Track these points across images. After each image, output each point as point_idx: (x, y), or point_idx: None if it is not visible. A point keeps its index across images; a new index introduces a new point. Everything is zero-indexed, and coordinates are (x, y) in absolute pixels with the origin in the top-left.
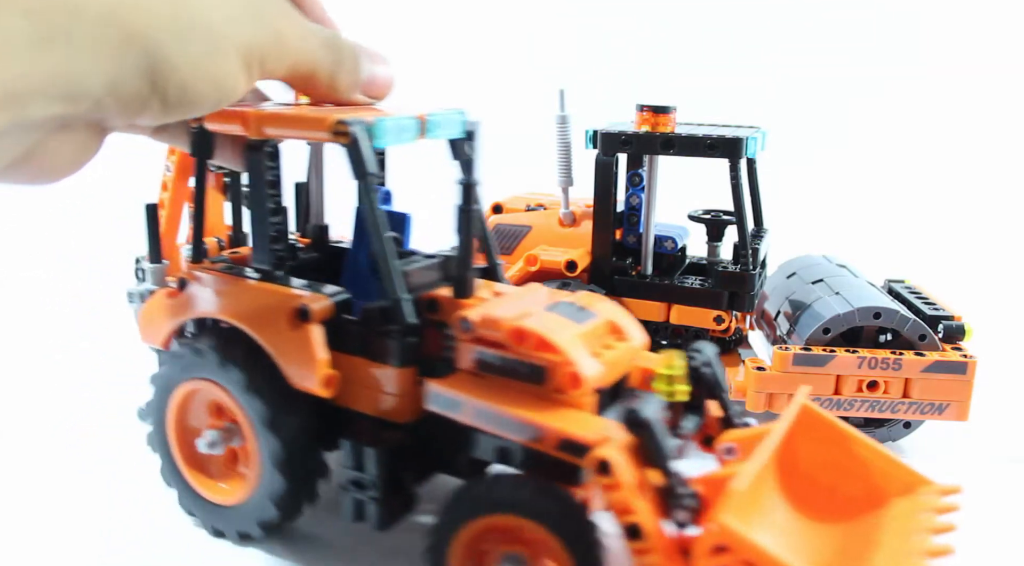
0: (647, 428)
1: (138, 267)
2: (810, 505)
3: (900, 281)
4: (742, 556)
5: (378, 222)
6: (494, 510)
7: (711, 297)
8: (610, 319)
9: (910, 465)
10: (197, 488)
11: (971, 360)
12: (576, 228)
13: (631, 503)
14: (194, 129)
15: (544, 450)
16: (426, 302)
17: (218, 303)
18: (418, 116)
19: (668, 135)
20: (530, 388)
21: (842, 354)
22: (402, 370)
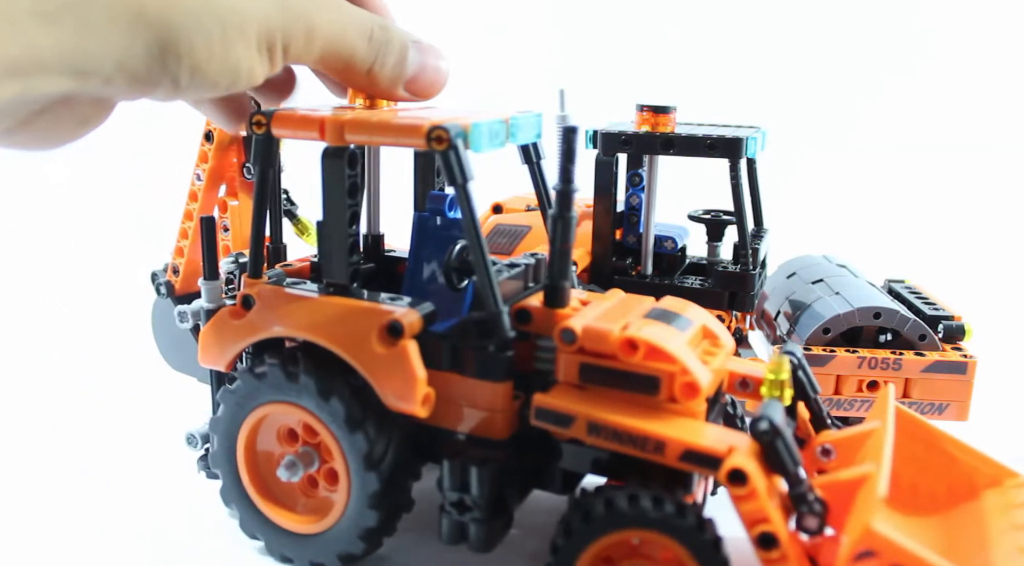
0: (778, 435)
1: (157, 283)
2: (898, 501)
3: (900, 281)
4: (891, 560)
5: (477, 231)
6: (621, 526)
7: (711, 297)
8: (704, 324)
9: (995, 458)
10: (284, 524)
11: (971, 360)
12: (576, 228)
13: (766, 512)
14: (259, 136)
15: (665, 462)
16: (516, 313)
17: (294, 321)
18: (503, 119)
19: (668, 135)
20: (641, 399)
21: (842, 354)
22: (501, 385)
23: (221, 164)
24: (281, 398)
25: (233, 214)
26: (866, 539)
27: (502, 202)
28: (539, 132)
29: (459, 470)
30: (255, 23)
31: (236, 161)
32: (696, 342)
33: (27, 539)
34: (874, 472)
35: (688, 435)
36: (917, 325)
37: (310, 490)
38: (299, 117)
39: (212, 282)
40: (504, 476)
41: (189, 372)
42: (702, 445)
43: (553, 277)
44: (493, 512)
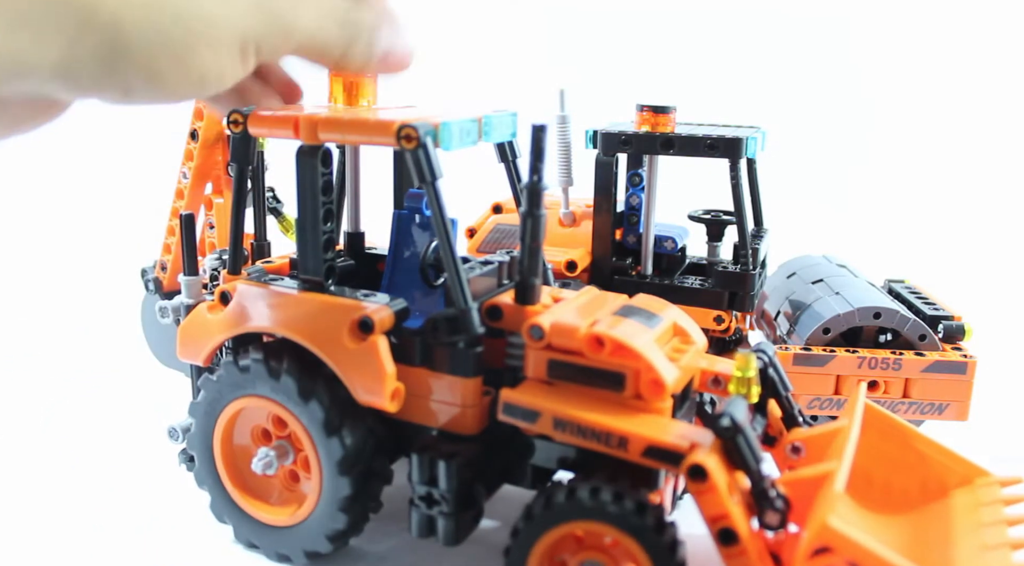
0: (740, 432)
1: (146, 279)
2: (869, 499)
3: (900, 281)
4: (847, 556)
5: (446, 229)
6: (578, 517)
7: (711, 297)
8: (675, 322)
9: (967, 457)
10: (254, 513)
11: (971, 360)
12: (576, 228)
13: (726, 508)
14: (236, 135)
15: (628, 458)
16: (488, 310)
17: (269, 317)
18: (476, 118)
19: (668, 135)
20: (607, 395)
21: (842, 354)
22: (470, 381)
23: (206, 162)
24: (261, 393)
25: (218, 211)
26: (823, 535)
27: (502, 202)
28: (513, 131)
29: (427, 464)
30: (229, 29)
31: (221, 159)
32: (665, 339)
33: (14, 533)
34: (834, 469)
35: (651, 431)
36: (917, 325)
37: (283, 483)
38: (274, 116)
39: (192, 278)
40: (472, 471)
41: (177, 367)
42: (664, 441)
43: (523, 274)
44: (461, 506)
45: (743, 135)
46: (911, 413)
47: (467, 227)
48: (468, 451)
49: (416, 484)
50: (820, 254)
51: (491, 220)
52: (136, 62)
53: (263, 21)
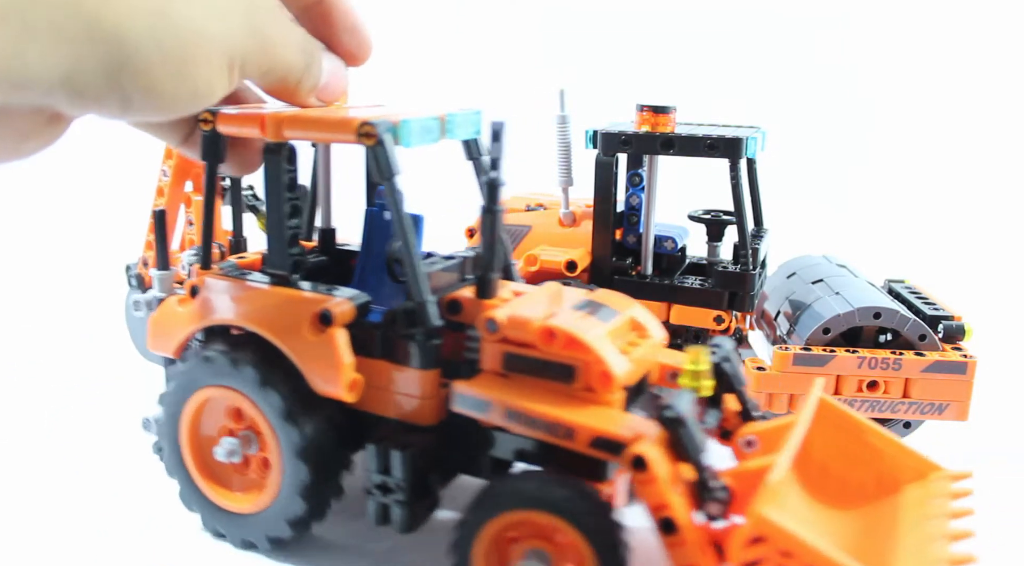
0: (682, 424)
1: (130, 274)
2: (825, 493)
3: (900, 281)
4: (780, 546)
5: (404, 224)
6: (519, 506)
7: (711, 297)
8: (633, 316)
9: (921, 452)
10: (219, 502)
11: (971, 360)
12: (576, 228)
13: (666, 498)
14: (205, 133)
15: (576, 448)
16: (448, 303)
17: (234, 309)
18: (439, 116)
19: (668, 135)
20: (559, 387)
21: (842, 354)
22: (427, 373)
23: (185, 161)
24: (224, 383)
25: (197, 209)
26: (757, 525)
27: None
28: (478, 129)
29: (382, 454)
30: (220, 44)
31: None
32: (621, 333)
33: (18, 537)
34: (770, 461)
35: (596, 422)
36: (917, 325)
37: (246, 471)
38: (242, 115)
39: (163, 272)
40: (427, 460)
41: (155, 360)
42: (607, 431)
43: (483, 269)
44: (415, 495)
45: (743, 135)
46: (911, 413)
47: (467, 227)
48: (423, 442)
49: (372, 473)
50: (820, 254)
51: None
52: (136, 74)
53: (250, 39)
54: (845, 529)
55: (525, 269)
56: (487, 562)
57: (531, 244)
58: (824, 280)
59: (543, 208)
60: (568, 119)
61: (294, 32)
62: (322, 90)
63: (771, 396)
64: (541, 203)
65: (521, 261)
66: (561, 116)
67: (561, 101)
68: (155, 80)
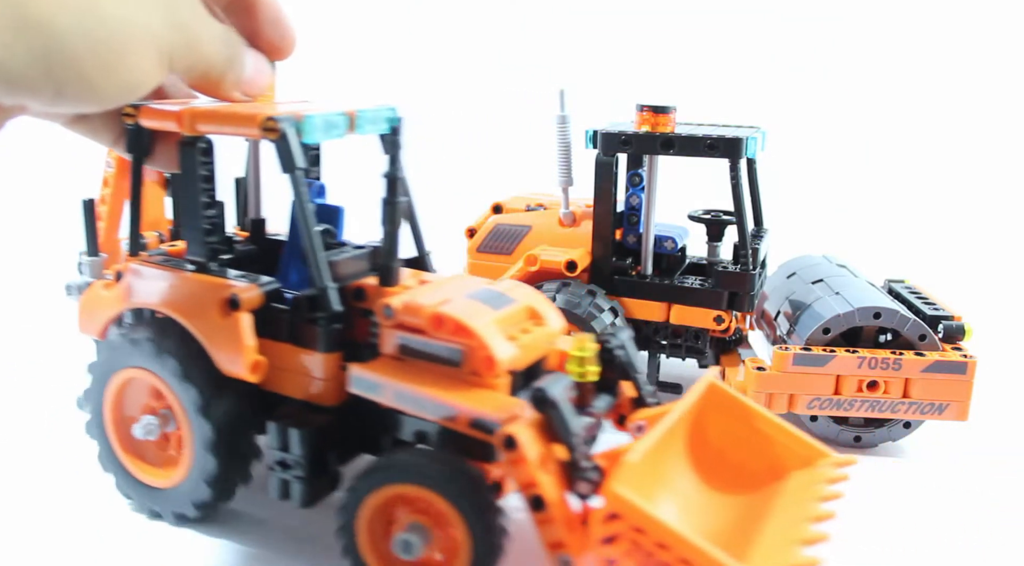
0: (552, 406)
1: (79, 262)
2: (719, 478)
3: (900, 281)
4: (632, 522)
5: (306, 214)
6: (399, 480)
7: (711, 297)
8: (529, 305)
9: (810, 439)
10: (134, 472)
11: (971, 360)
12: (576, 228)
13: (534, 476)
14: (130, 127)
15: (458, 429)
16: (353, 291)
17: (153, 294)
18: (347, 112)
19: (668, 135)
20: (448, 371)
21: (842, 354)
22: (328, 356)
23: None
24: (132, 364)
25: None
26: (611, 502)
27: (502, 202)
28: (391, 125)
29: (282, 432)
30: (149, 37)
31: None
32: (513, 321)
33: (18, 538)
34: (639, 442)
35: (476, 404)
36: (917, 325)
37: (164, 446)
38: (162, 110)
39: (93, 258)
40: (326, 439)
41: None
42: (484, 412)
43: (384, 258)
44: (314, 471)
45: (743, 135)
46: (911, 413)
47: (467, 227)
48: (323, 421)
49: (272, 450)
50: (820, 254)
51: (491, 220)
52: (67, 64)
53: (177, 33)
54: (727, 512)
55: (525, 269)
56: (371, 532)
57: (531, 244)
58: (824, 280)
59: (543, 208)
60: (568, 119)
61: (215, 27)
62: (246, 84)
63: (771, 396)
64: (541, 203)
65: (521, 261)
66: (561, 116)
67: (561, 101)
68: (86, 69)
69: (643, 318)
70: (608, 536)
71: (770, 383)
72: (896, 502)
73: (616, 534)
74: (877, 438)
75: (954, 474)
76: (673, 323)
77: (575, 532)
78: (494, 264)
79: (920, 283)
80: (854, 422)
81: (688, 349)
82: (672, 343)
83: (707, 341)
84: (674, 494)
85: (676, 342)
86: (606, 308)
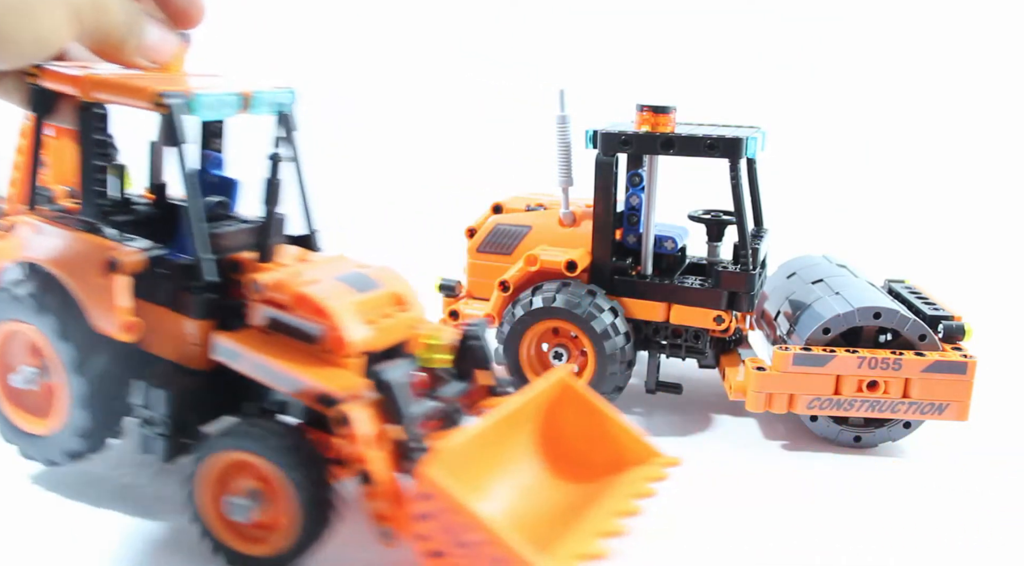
0: (388, 388)
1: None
2: (563, 468)
3: (900, 281)
4: (440, 503)
5: (190, 187)
6: (234, 447)
7: (711, 297)
8: (394, 291)
9: (647, 439)
10: (14, 420)
11: (971, 360)
12: (576, 228)
13: (363, 452)
14: (33, 87)
15: (307, 402)
16: (230, 263)
17: (40, 249)
18: (242, 92)
19: (668, 135)
20: (307, 347)
21: (842, 354)
22: (200, 322)
23: None
24: (26, 319)
25: (52, 150)
26: (421, 483)
27: (502, 202)
28: (287, 106)
29: (148, 391)
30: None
31: None
32: (375, 305)
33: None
34: (464, 429)
35: (324, 380)
36: (917, 325)
37: (48, 398)
38: (64, 74)
39: None
40: (190, 400)
41: None
42: (329, 389)
43: (261, 235)
44: (176, 430)
45: (743, 135)
46: (911, 413)
47: (467, 227)
48: (190, 382)
49: (139, 408)
50: (820, 254)
51: (491, 220)
52: None
53: None
54: (562, 499)
55: (525, 269)
56: (212, 494)
57: (531, 244)
58: (824, 280)
59: (543, 208)
60: (568, 119)
61: None
62: (148, 51)
63: (771, 396)
64: (541, 203)
65: (521, 261)
66: (561, 116)
67: (561, 101)
68: (6, 27)
69: (643, 318)
70: (422, 514)
71: (770, 383)
72: (896, 502)
73: (429, 512)
74: (877, 438)
75: (954, 474)
76: (673, 323)
77: (400, 508)
78: (494, 264)
79: (920, 283)
80: (854, 422)
81: (688, 349)
82: (672, 343)
83: (707, 341)
84: (509, 479)
85: (676, 342)
86: (606, 308)
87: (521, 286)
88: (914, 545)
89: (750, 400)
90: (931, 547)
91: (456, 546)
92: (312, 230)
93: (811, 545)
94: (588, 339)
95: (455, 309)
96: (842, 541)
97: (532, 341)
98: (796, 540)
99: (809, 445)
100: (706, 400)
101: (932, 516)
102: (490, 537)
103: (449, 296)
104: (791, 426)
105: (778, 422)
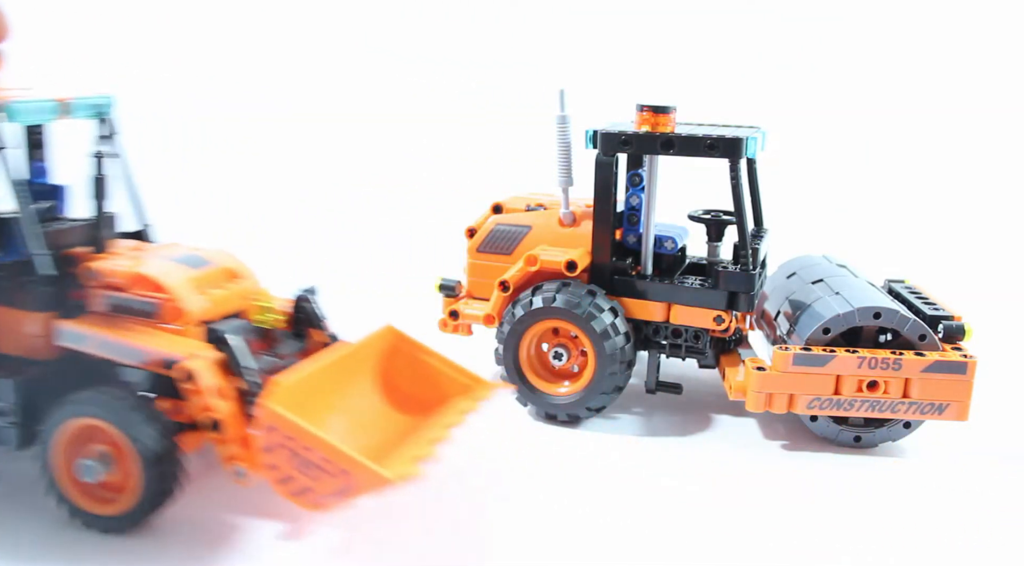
0: (225, 342)
1: None
2: (396, 404)
3: (900, 281)
4: (284, 432)
5: (16, 191)
6: (80, 413)
7: (711, 297)
8: (227, 267)
9: (475, 372)
10: None
11: (971, 360)
12: (576, 228)
13: (209, 402)
14: None
15: (152, 369)
16: (66, 258)
17: None
18: (59, 98)
19: (668, 135)
20: (148, 323)
21: (842, 354)
22: (40, 315)
23: None
24: None
25: None
26: (263, 415)
27: (502, 202)
28: (106, 109)
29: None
30: None
31: None
32: (209, 279)
33: None
34: (304, 365)
35: (166, 346)
36: (917, 325)
37: None
38: None
39: None
40: (39, 388)
41: None
42: (171, 353)
43: (93, 230)
44: (26, 418)
45: (743, 135)
46: (911, 413)
47: (467, 227)
48: (29, 372)
49: None
50: (820, 254)
51: (491, 220)
52: None
53: None
54: (393, 430)
55: (525, 269)
56: (66, 461)
57: (531, 244)
58: (824, 280)
59: (543, 208)
60: (568, 119)
61: None
62: None
63: (771, 396)
64: (541, 203)
65: (521, 261)
66: (561, 116)
67: (561, 101)
68: None
69: (643, 318)
70: (268, 445)
71: (770, 383)
72: (896, 502)
73: (274, 443)
74: (877, 438)
75: (954, 474)
76: (673, 323)
77: (249, 449)
78: (494, 264)
79: (920, 283)
80: (854, 422)
81: (688, 349)
82: (672, 343)
83: (707, 341)
84: (343, 413)
85: (676, 342)
86: (606, 308)
87: (521, 286)
88: (914, 545)
89: (750, 400)
90: (931, 547)
91: (303, 468)
92: (145, 224)
93: (811, 545)
94: (588, 339)
95: (455, 309)
96: (842, 541)
97: (532, 341)
98: (796, 540)
99: (809, 445)
100: (706, 400)
101: (932, 516)
102: (331, 452)
103: (449, 296)
104: (791, 426)
105: (778, 422)
